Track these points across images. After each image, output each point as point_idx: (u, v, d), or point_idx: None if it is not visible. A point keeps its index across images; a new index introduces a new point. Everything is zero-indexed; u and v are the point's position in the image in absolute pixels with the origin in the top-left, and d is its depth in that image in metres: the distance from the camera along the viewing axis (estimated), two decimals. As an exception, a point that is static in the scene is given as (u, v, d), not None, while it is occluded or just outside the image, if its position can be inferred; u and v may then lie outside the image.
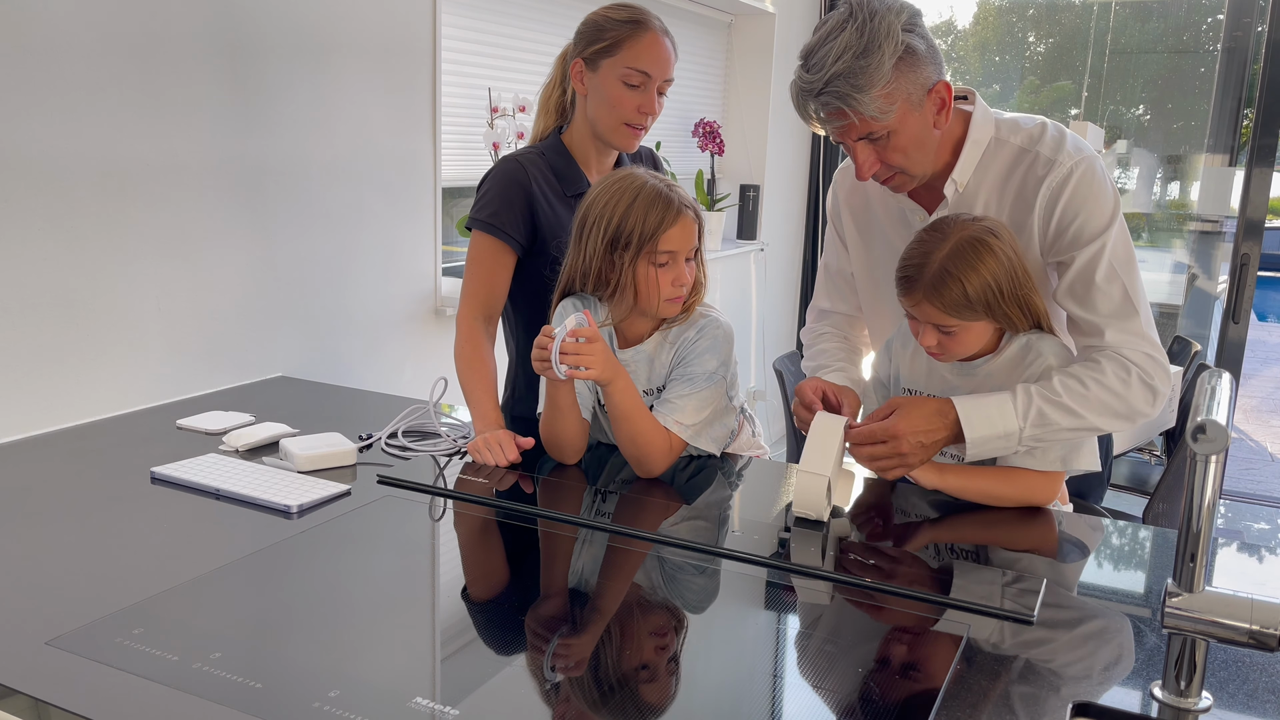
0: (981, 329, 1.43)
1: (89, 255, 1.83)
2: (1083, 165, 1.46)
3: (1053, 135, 1.50)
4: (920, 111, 1.41)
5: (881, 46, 1.35)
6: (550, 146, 1.84)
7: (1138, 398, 1.42)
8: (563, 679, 0.97)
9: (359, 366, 2.47)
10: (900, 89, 1.38)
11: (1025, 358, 1.45)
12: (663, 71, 1.76)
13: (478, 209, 1.80)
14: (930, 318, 1.41)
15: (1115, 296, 1.44)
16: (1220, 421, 0.88)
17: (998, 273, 1.38)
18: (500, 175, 1.80)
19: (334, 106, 2.30)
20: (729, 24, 4.31)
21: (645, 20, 1.75)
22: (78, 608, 1.09)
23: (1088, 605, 1.18)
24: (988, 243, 1.38)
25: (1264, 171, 3.83)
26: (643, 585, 1.20)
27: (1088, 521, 1.46)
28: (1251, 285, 3.89)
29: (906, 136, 1.42)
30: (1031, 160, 1.49)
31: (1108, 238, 1.44)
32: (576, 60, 1.77)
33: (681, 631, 1.09)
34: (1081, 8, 4.69)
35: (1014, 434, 1.40)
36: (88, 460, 1.59)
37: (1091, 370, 1.42)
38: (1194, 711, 0.95)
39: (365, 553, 1.27)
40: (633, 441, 1.52)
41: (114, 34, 1.83)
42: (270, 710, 0.90)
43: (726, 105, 4.41)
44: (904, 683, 0.99)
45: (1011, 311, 1.41)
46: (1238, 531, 4.19)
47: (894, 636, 1.09)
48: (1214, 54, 4.36)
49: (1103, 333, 1.44)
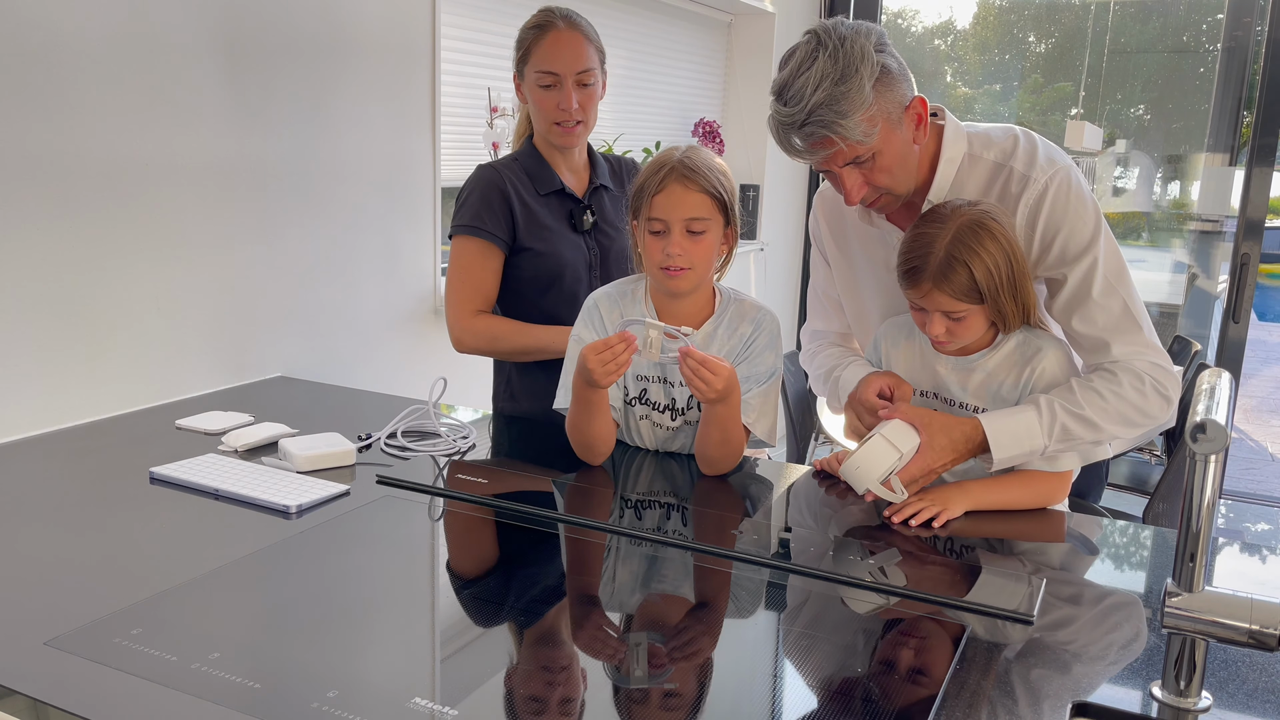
0: (981, 320, 1.43)
1: (89, 255, 1.83)
2: (1058, 178, 1.46)
3: (1025, 148, 1.49)
4: (900, 130, 1.41)
5: (859, 70, 1.34)
6: (524, 152, 1.93)
7: (1154, 407, 1.43)
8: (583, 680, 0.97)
9: (358, 366, 2.47)
10: (880, 110, 1.37)
11: (1024, 353, 1.45)
12: (570, 66, 1.79)
13: (459, 215, 1.86)
14: (939, 305, 1.41)
15: (1115, 310, 1.45)
16: (1220, 421, 0.88)
17: (999, 255, 1.38)
18: (478, 181, 1.87)
19: (334, 106, 2.30)
20: (729, 24, 4.31)
21: (549, 21, 1.80)
22: (76, 608, 1.09)
23: (1087, 605, 1.17)
24: (988, 225, 1.39)
25: (1264, 171, 3.83)
26: (642, 585, 1.20)
27: (1088, 521, 1.46)
28: (1251, 285, 3.88)
29: (891, 156, 1.41)
30: (1006, 176, 1.49)
31: (1096, 251, 1.45)
32: (515, 75, 1.88)
33: (681, 631, 1.09)
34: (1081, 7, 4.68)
35: (1038, 450, 1.42)
36: (87, 460, 1.59)
37: (1110, 383, 1.42)
38: (1194, 711, 0.95)
39: (364, 553, 1.27)
40: (724, 444, 1.53)
41: (114, 34, 1.83)
42: (269, 710, 0.90)
43: (726, 105, 4.41)
44: (904, 682, 0.98)
45: (1007, 301, 1.41)
46: (1238, 531, 4.19)
47: (894, 636, 1.09)
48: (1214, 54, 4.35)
49: (1109, 347, 1.45)
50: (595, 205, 1.94)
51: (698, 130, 3.89)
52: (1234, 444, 5.27)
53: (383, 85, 2.43)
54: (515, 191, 1.85)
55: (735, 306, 1.61)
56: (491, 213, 1.83)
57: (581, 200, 1.92)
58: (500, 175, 1.85)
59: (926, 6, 5.30)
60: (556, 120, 1.82)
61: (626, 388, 1.64)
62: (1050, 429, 1.40)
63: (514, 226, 1.84)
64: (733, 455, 1.56)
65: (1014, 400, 1.45)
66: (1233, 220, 4.02)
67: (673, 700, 0.94)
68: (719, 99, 4.37)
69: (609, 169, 2.00)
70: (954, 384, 1.50)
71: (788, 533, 1.36)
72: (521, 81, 1.86)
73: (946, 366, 1.51)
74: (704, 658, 1.03)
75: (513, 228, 1.84)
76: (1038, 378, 1.44)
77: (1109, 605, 1.18)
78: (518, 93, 1.90)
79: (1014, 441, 1.40)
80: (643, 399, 1.64)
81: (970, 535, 1.38)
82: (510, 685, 0.97)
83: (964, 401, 1.49)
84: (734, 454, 1.56)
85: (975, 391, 1.48)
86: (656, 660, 1.01)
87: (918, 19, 5.38)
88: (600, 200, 1.95)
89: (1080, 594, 1.21)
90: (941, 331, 1.44)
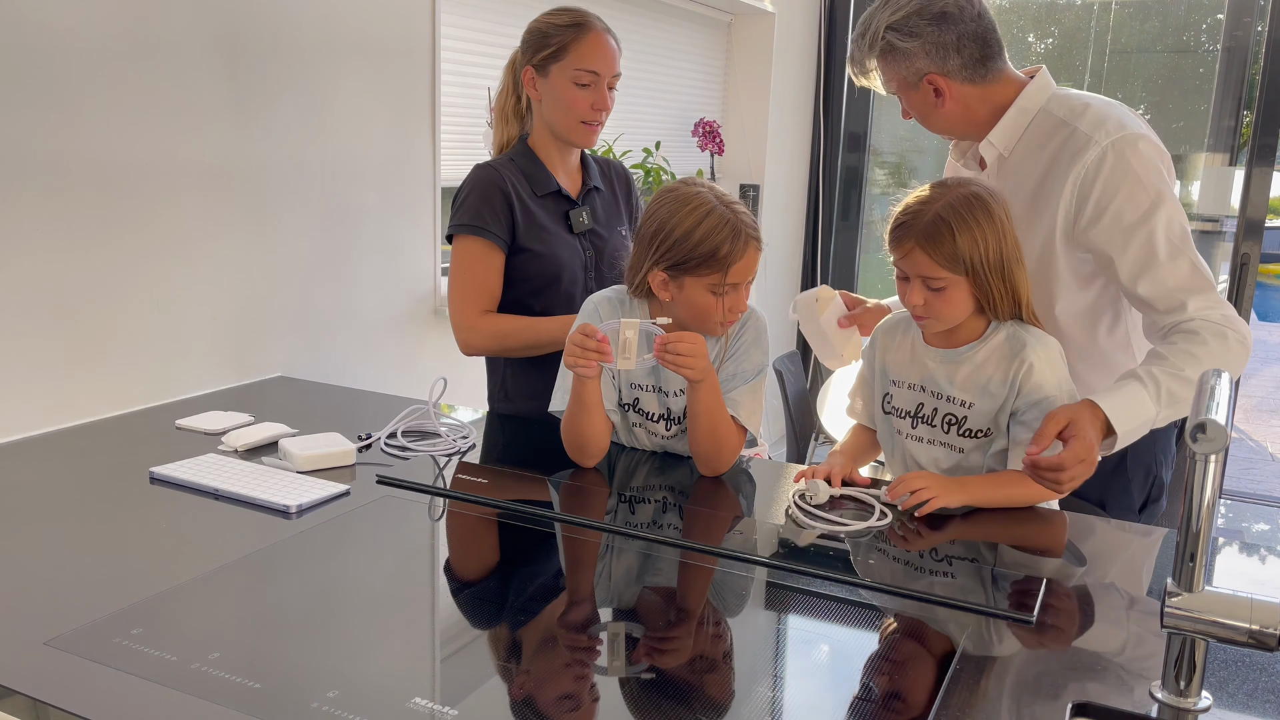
0: (964, 296, 1.43)
1: (89, 255, 1.83)
2: (1121, 144, 1.49)
3: (1097, 111, 1.54)
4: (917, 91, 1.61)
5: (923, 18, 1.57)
6: (519, 152, 1.91)
7: (1236, 356, 1.47)
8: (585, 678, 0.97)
9: (358, 366, 2.47)
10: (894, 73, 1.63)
11: (1012, 347, 1.45)
12: (610, 68, 1.82)
13: (459, 215, 1.85)
14: (919, 268, 1.42)
15: (1183, 271, 1.49)
16: (1220, 421, 0.88)
17: (990, 232, 1.39)
18: (478, 181, 1.85)
19: (333, 106, 2.30)
20: (729, 24, 4.31)
21: (588, 22, 1.82)
22: (76, 608, 1.09)
23: (1087, 605, 1.17)
24: (986, 202, 1.40)
25: (1264, 171, 3.83)
26: (642, 585, 1.20)
27: (1088, 521, 1.46)
28: (1251, 285, 3.88)
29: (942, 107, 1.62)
30: (1069, 135, 1.54)
31: (1156, 219, 1.48)
32: (527, 68, 1.84)
33: (680, 631, 1.09)
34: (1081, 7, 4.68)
35: (1151, 418, 1.43)
36: (87, 460, 1.59)
37: (1195, 342, 1.45)
38: (1194, 711, 0.95)
39: (364, 553, 1.27)
40: (712, 436, 1.53)
41: (114, 34, 1.83)
42: (269, 710, 0.90)
43: (726, 105, 4.41)
44: (904, 683, 0.98)
45: (994, 282, 1.41)
46: (1238, 531, 4.19)
47: (895, 636, 1.09)
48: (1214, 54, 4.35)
49: (1185, 306, 1.48)
50: (589, 206, 1.94)
51: (698, 130, 3.89)
52: (1234, 444, 5.27)
53: (382, 85, 2.43)
54: (515, 191, 1.84)
55: None
56: (493, 211, 1.82)
57: (576, 201, 1.92)
58: (499, 174, 1.85)
59: (926, 6, 5.29)
60: (586, 119, 1.83)
61: (620, 391, 1.64)
62: (1158, 396, 1.42)
63: (514, 226, 1.84)
64: (725, 449, 1.55)
65: (1002, 396, 1.45)
66: (1233, 220, 4.01)
67: (673, 699, 0.94)
68: (719, 99, 4.36)
69: (599, 170, 2.00)
70: (942, 377, 1.50)
71: (787, 532, 1.36)
72: (542, 77, 1.83)
73: (935, 360, 1.51)
74: (703, 657, 1.03)
75: (513, 227, 1.84)
76: (1025, 373, 1.43)
77: (1109, 605, 1.18)
78: (529, 88, 1.86)
79: (1129, 415, 1.42)
80: (635, 408, 1.64)
81: (970, 535, 1.38)
82: (510, 685, 0.97)
83: (951, 395, 1.49)
84: (726, 448, 1.55)
85: (962, 384, 1.48)
86: (647, 655, 1.01)
87: (918, 19, 5.36)
88: (593, 201, 1.96)
89: (1080, 594, 1.21)
90: (920, 303, 1.44)
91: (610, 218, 1.98)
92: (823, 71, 4.60)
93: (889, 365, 1.58)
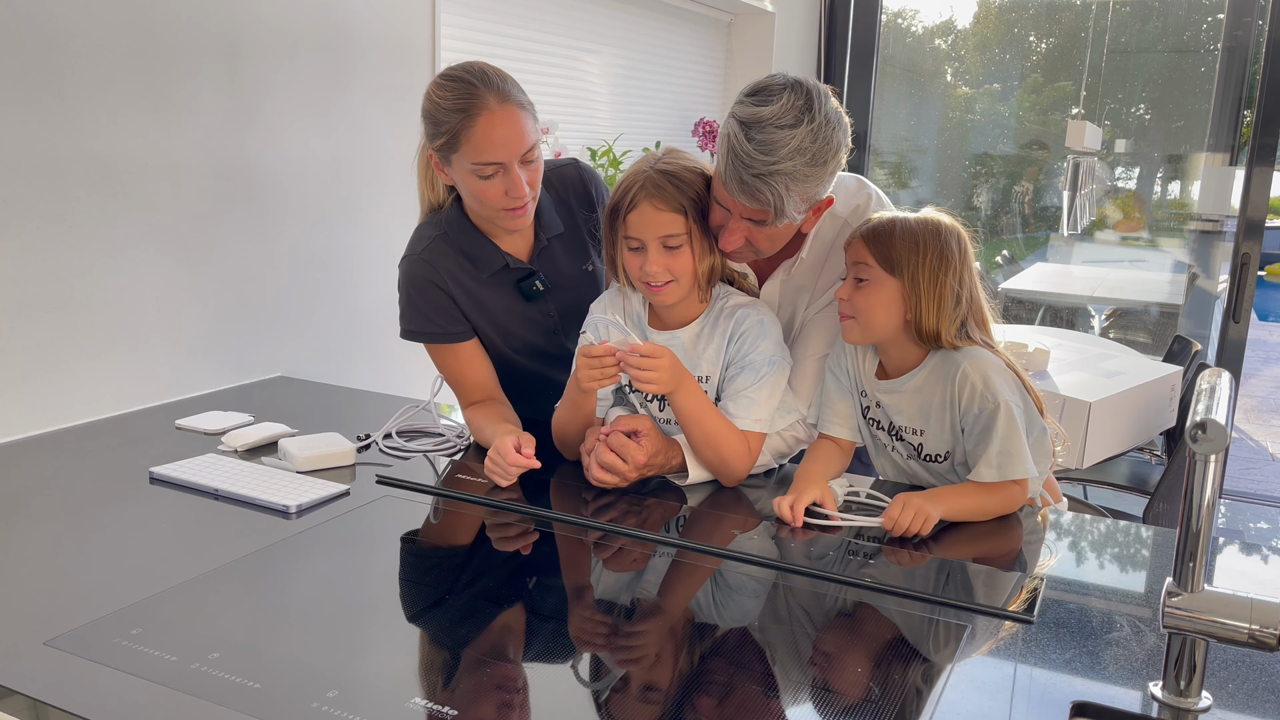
0: (889, 301, 1.41)
1: (88, 255, 1.83)
2: None
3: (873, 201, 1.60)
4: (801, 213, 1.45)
5: (828, 164, 1.39)
6: (452, 224, 1.66)
7: None
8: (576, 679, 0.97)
9: (358, 366, 2.47)
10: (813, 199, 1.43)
11: (945, 370, 1.44)
12: (514, 150, 1.51)
13: (408, 322, 1.69)
14: (855, 255, 1.44)
15: None
16: (1220, 421, 0.88)
17: (931, 249, 1.39)
18: (412, 280, 1.66)
19: (333, 106, 2.30)
20: (729, 24, 4.31)
21: (477, 100, 1.49)
22: (76, 608, 1.09)
23: (1087, 605, 1.17)
24: (947, 227, 1.42)
25: (1264, 171, 3.82)
26: (643, 584, 1.20)
27: (1088, 521, 1.46)
28: (1252, 285, 3.88)
29: (784, 229, 1.46)
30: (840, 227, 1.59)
31: None
32: (432, 154, 1.59)
33: (680, 631, 1.09)
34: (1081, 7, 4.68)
35: None
36: (87, 460, 1.59)
37: None
38: (1193, 711, 0.95)
39: (364, 553, 1.27)
40: (708, 445, 1.48)
41: (113, 34, 1.83)
42: (269, 710, 0.90)
43: (726, 105, 4.40)
44: (904, 683, 0.98)
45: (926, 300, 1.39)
46: (1238, 531, 4.19)
47: (895, 636, 1.09)
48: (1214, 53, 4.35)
49: None
50: (546, 260, 1.71)
51: (698, 130, 3.89)
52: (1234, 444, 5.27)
53: (383, 85, 2.43)
54: (454, 280, 1.65)
55: (724, 303, 1.55)
56: (436, 309, 1.65)
57: (529, 266, 1.69)
58: (431, 268, 1.64)
59: (927, 6, 5.30)
60: (505, 206, 1.55)
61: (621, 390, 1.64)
62: None
63: (463, 313, 1.68)
64: (729, 457, 1.49)
65: (947, 417, 1.44)
66: (1233, 220, 4.01)
67: (673, 700, 0.94)
68: (719, 99, 4.36)
69: (555, 198, 1.73)
70: (890, 407, 1.50)
71: (786, 532, 1.36)
72: (445, 165, 1.56)
73: (881, 391, 1.51)
74: (705, 657, 1.03)
75: (463, 314, 1.68)
76: (960, 386, 1.41)
77: (1109, 605, 1.18)
78: (438, 171, 1.60)
79: None
80: (634, 388, 1.62)
81: (970, 535, 1.37)
82: (510, 685, 0.97)
83: (902, 425, 1.50)
84: (730, 455, 1.49)
85: (909, 414, 1.49)
86: (645, 656, 1.01)
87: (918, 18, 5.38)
88: (551, 254, 1.72)
89: (1080, 594, 1.21)
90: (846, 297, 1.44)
91: (574, 256, 1.75)
92: (822, 71, 4.60)
93: (863, 378, 1.55)
